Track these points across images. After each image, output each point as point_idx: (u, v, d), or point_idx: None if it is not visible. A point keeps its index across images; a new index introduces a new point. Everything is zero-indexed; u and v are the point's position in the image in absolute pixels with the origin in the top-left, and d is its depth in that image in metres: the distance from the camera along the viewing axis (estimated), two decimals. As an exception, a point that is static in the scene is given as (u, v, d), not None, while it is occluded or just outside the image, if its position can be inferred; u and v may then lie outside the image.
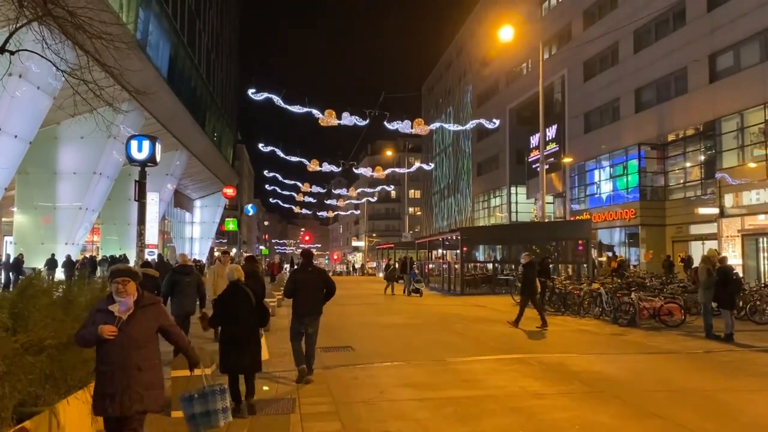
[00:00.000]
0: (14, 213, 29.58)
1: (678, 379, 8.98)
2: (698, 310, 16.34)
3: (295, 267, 10.00)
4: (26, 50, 8.91)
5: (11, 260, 26.25)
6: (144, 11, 29.10)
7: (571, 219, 35.63)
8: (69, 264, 26.33)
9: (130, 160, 17.67)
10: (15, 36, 8.52)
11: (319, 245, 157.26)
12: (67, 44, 9.04)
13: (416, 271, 27.20)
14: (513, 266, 29.93)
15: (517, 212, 47.68)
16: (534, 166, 39.96)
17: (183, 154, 39.92)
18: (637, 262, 30.87)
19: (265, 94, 33.64)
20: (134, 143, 17.41)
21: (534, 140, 40.68)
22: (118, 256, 30.34)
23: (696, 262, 22.25)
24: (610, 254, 32.88)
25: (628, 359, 10.65)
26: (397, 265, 29.50)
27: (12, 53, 8.69)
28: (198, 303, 10.26)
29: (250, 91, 33.68)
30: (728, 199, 25.71)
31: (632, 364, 10.15)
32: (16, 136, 21.37)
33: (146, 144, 17.38)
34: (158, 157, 17.92)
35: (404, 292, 26.54)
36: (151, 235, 34.33)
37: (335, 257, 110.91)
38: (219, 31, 51.84)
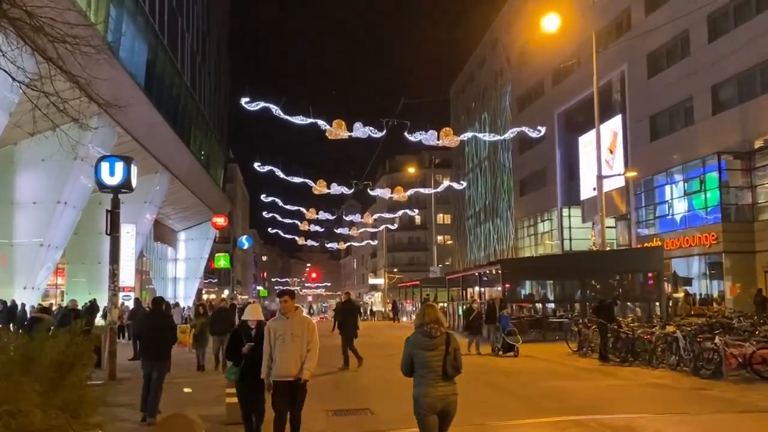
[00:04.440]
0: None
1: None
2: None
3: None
4: (-25, 59, 9.13)
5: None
6: (116, 9, 29.75)
7: (638, 246, 35.24)
8: (22, 315, 26.32)
9: (101, 185, 17.88)
10: (-37, 42, 8.74)
11: (329, 284, 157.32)
12: (24, 50, 9.24)
13: (507, 315, 22.95)
14: (568, 306, 29.64)
15: (570, 239, 47.35)
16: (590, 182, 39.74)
17: (164, 177, 40.40)
18: (722, 298, 30.42)
19: (262, 104, 33.96)
20: (105, 165, 17.63)
21: (588, 151, 40.52)
22: (86, 303, 30.47)
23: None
24: (689, 289, 32.48)
25: (714, 420, 10.46)
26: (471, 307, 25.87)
27: (-42, 63, 8.92)
28: None
29: (244, 100, 34.04)
30: (833, 218, 25.32)
31: (719, 426, 9.95)
32: (-35, 161, 21.83)
33: (119, 166, 17.60)
34: (134, 182, 18.13)
35: (493, 351, 22.38)
36: (127, 276, 34.57)
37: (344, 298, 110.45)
38: (206, 30, 52.80)
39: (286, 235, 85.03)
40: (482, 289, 36.68)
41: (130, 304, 31.03)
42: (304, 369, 8.40)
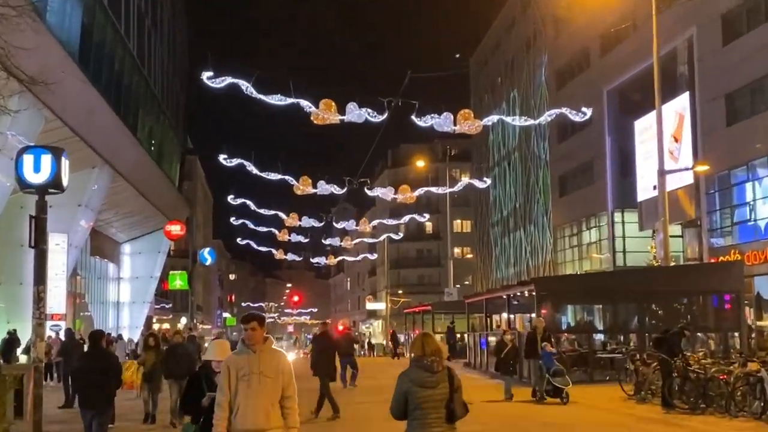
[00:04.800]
0: None
1: None
2: None
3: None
4: None
5: None
6: (43, -42, 29.79)
7: (712, 261, 35.24)
8: None
9: (23, 184, 17.86)
10: None
11: (315, 309, 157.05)
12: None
13: (551, 352, 22.39)
14: (622, 337, 29.59)
15: (624, 252, 47.36)
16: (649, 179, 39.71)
17: (104, 173, 40.39)
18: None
19: (229, 79, 33.97)
20: (28, 159, 17.60)
21: (646, 139, 40.54)
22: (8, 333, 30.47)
23: None
24: None
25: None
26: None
27: None
28: None
29: (206, 75, 34.06)
30: None
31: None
32: None
33: (47, 159, 17.56)
34: (65, 180, 18.10)
35: (533, 395, 22.35)
36: (56, 300, 34.55)
37: (340, 327, 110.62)
38: (157, -16, 52.85)
39: (261, 248, 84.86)
40: (512, 316, 36.68)
41: (61, 336, 31.00)
42: (288, 429, 7.73)
